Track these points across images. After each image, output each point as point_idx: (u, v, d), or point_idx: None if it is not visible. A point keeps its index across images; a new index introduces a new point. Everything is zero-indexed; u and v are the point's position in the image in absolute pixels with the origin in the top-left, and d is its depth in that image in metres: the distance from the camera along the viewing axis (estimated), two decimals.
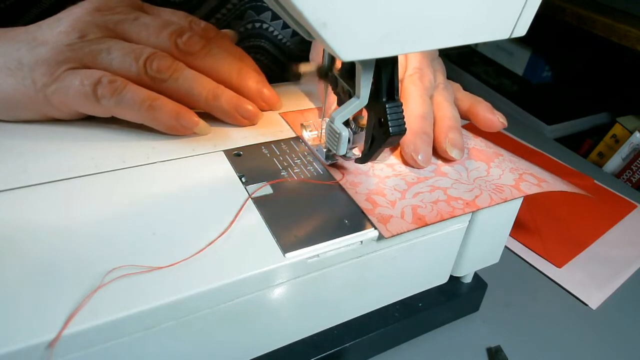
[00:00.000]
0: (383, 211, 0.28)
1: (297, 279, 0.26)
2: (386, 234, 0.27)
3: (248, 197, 0.28)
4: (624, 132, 0.71)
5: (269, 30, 0.51)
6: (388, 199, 0.29)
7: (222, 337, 0.26)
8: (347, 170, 0.31)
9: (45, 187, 0.27)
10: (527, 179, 0.33)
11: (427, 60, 0.37)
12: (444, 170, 0.33)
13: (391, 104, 0.26)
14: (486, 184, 0.32)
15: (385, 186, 0.30)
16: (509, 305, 0.40)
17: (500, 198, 0.30)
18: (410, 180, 0.31)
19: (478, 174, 0.33)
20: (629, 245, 0.48)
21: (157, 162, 0.30)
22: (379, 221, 0.27)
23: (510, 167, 0.34)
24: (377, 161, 0.33)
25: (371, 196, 0.29)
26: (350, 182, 0.30)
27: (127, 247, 0.24)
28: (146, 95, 0.30)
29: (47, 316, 0.20)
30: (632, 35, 0.68)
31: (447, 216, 0.28)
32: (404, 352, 0.35)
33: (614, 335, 0.39)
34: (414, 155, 0.32)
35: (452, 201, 0.30)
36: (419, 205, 0.29)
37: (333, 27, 0.20)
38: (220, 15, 0.48)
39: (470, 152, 0.35)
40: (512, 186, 0.32)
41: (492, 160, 0.34)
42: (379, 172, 0.32)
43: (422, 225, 0.27)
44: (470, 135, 0.37)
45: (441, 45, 0.24)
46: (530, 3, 0.24)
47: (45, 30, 0.31)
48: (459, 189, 0.31)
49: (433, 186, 0.31)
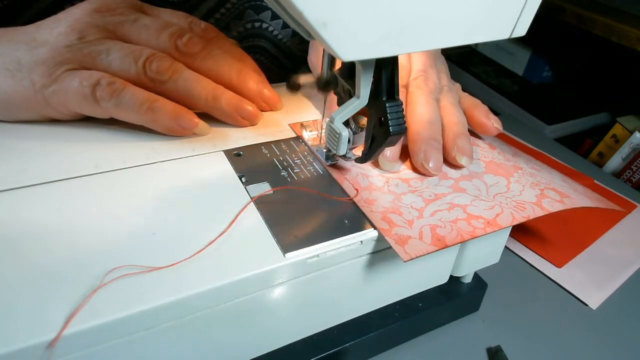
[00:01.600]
0: (400, 231, 0.27)
1: (297, 279, 0.26)
2: (405, 257, 0.25)
3: (250, 201, 0.28)
4: (624, 132, 0.71)
5: (269, 29, 0.51)
6: (405, 217, 0.28)
7: (222, 337, 0.26)
8: (362, 186, 0.30)
9: (46, 187, 0.27)
10: (549, 194, 0.31)
11: (430, 61, 0.37)
12: (462, 185, 0.32)
13: (391, 103, 0.26)
14: (507, 201, 0.30)
15: (401, 204, 0.29)
16: (509, 305, 0.40)
17: (522, 216, 0.29)
18: (428, 197, 0.30)
19: (498, 190, 0.31)
20: (629, 245, 0.48)
21: (157, 162, 0.30)
22: (396, 243, 0.26)
23: (531, 181, 0.33)
24: (392, 176, 0.32)
25: (387, 215, 0.28)
26: (365, 200, 0.29)
27: (127, 247, 0.24)
28: (145, 97, 0.30)
29: (47, 316, 0.20)
30: (632, 35, 0.68)
31: (467, 237, 0.27)
32: (404, 352, 0.35)
33: (614, 335, 0.39)
34: (424, 163, 0.31)
35: (472, 220, 0.28)
36: (438, 225, 0.28)
37: (333, 27, 0.20)
38: (219, 15, 0.47)
39: (488, 166, 0.34)
40: (534, 203, 0.30)
41: (511, 175, 0.33)
42: (395, 189, 0.30)
43: (442, 247, 0.26)
44: (487, 147, 0.36)
45: (441, 45, 0.24)
46: (530, 3, 0.24)
47: (45, 31, 0.31)
48: (478, 206, 0.30)
49: (451, 203, 0.30)
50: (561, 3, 0.77)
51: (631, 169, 0.68)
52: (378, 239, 0.27)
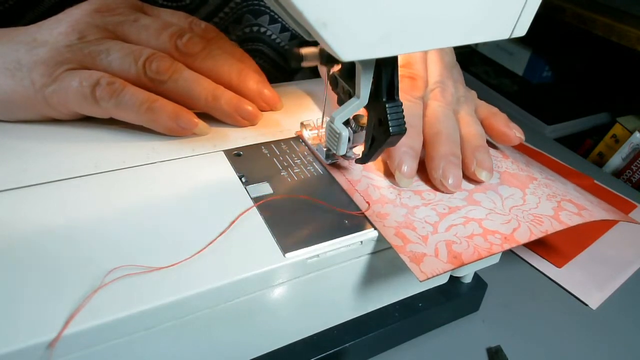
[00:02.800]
0: (415, 248, 0.26)
1: (297, 279, 0.26)
2: (420, 276, 0.24)
3: (253, 205, 0.27)
4: (624, 132, 0.71)
5: (267, 34, 0.51)
6: (419, 233, 0.27)
7: (222, 337, 0.26)
8: (373, 199, 0.29)
9: (46, 187, 0.27)
10: (566, 207, 0.31)
11: (447, 72, 0.36)
12: (477, 198, 0.30)
13: (391, 104, 0.26)
14: (523, 214, 0.30)
15: (415, 218, 0.28)
16: (509, 305, 0.40)
17: (540, 231, 0.28)
18: (442, 210, 0.29)
19: (514, 203, 0.30)
20: (629, 246, 0.48)
21: (157, 162, 0.30)
22: (411, 261, 0.25)
23: (547, 193, 0.32)
24: (404, 188, 0.31)
25: (400, 230, 0.27)
26: (377, 214, 0.28)
27: (127, 247, 0.24)
28: (145, 97, 0.30)
29: (47, 316, 0.20)
30: (632, 35, 0.68)
31: (485, 254, 0.26)
32: (404, 352, 0.35)
33: (614, 335, 0.39)
34: (443, 180, 0.30)
35: (488, 235, 0.28)
36: (453, 241, 0.27)
37: (333, 27, 0.20)
38: (218, 19, 0.47)
39: (502, 177, 0.33)
40: (551, 217, 0.30)
41: (526, 186, 0.32)
42: (407, 201, 0.29)
43: (459, 265, 0.25)
44: (500, 157, 0.35)
45: (441, 45, 0.24)
46: (530, 3, 0.24)
47: (45, 31, 0.31)
48: (494, 220, 0.29)
49: (466, 217, 0.29)
50: (561, 3, 0.77)
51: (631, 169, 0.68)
52: (378, 239, 0.27)
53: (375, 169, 0.32)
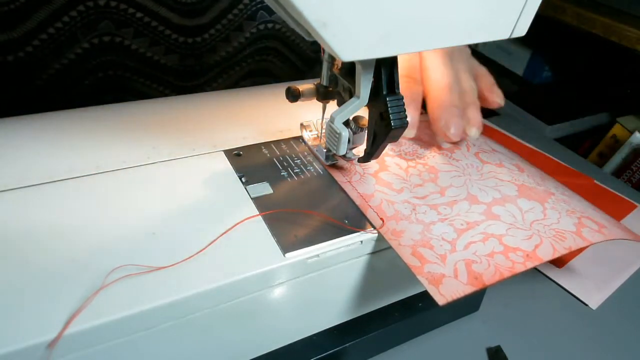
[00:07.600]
0: (433, 269, 0.25)
1: (297, 279, 0.26)
2: (440, 300, 0.23)
3: (258, 214, 0.27)
4: (624, 132, 0.71)
5: (282, 30, 0.51)
6: (436, 252, 0.26)
7: (222, 336, 0.26)
8: (387, 215, 0.28)
9: (45, 187, 0.27)
10: (586, 223, 0.30)
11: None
12: (495, 211, 0.29)
13: (392, 97, 0.26)
14: (545, 229, 0.28)
15: (431, 235, 0.27)
16: (509, 305, 0.40)
17: (563, 247, 0.27)
18: (459, 226, 0.28)
19: (534, 217, 0.29)
20: (629, 245, 0.48)
21: (158, 162, 0.30)
22: (430, 283, 0.24)
23: (566, 209, 0.31)
24: (420, 202, 0.29)
25: (417, 249, 0.26)
26: (392, 231, 0.27)
27: (128, 247, 0.24)
28: None
29: (48, 316, 0.20)
30: (632, 35, 0.68)
31: (507, 274, 0.25)
32: (404, 352, 0.35)
33: (614, 335, 0.39)
34: (445, 130, 0.32)
35: (509, 252, 0.26)
36: (473, 260, 0.25)
37: (333, 27, 0.20)
38: (232, 16, 0.47)
39: (520, 189, 0.32)
40: (573, 233, 0.29)
41: (545, 201, 0.31)
42: (423, 217, 0.28)
43: (480, 287, 0.24)
44: (516, 169, 0.34)
45: (441, 45, 0.24)
46: (530, 3, 0.24)
47: None
48: (515, 235, 0.27)
49: (485, 233, 0.27)
50: (561, 3, 0.77)
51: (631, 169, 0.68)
52: (378, 239, 0.27)
53: (388, 182, 0.31)
